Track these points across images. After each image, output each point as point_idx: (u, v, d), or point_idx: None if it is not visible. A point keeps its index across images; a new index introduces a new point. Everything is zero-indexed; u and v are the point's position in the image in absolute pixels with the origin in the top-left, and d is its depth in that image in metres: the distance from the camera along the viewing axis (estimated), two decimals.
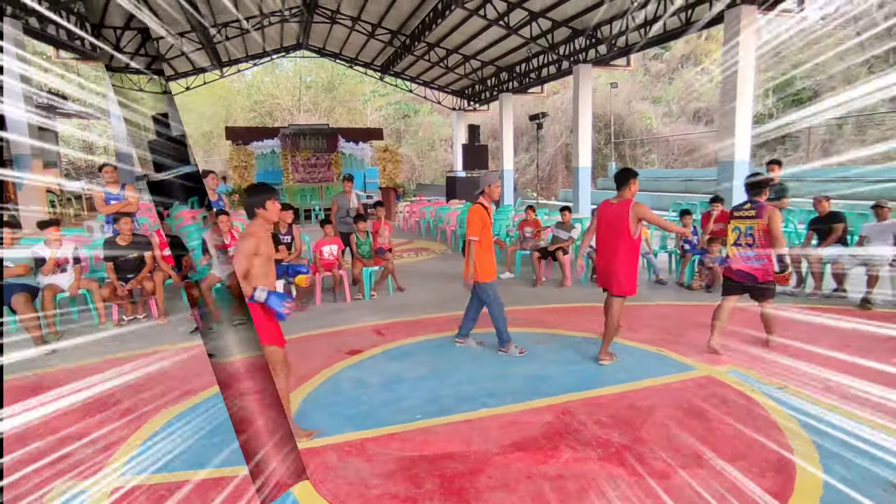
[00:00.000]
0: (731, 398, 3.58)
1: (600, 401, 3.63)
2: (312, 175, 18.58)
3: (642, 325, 5.28)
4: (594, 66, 14.11)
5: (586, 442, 3.08)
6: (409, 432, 3.26)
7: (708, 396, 3.61)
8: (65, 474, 2.94)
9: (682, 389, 3.75)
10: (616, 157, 26.94)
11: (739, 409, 3.43)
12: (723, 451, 2.95)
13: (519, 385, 3.94)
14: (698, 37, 26.99)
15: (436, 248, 10.77)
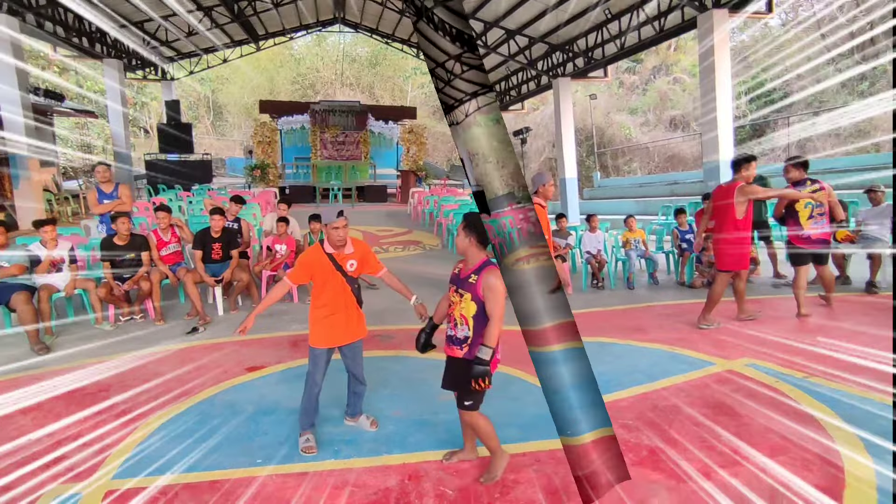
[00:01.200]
0: (758, 391, 3.43)
1: (620, 404, 3.41)
2: (340, 153, 18.56)
3: (651, 326, 5.12)
4: (573, 79, 14.70)
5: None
6: (235, 481, 2.87)
7: (733, 391, 3.45)
8: (59, 476, 2.94)
9: (704, 386, 3.58)
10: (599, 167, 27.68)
11: (767, 401, 3.29)
12: (761, 446, 2.78)
13: (391, 430, 3.45)
14: (668, 48, 29.92)
15: (428, 243, 10.41)
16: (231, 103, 36.24)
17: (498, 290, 2.63)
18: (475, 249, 2.75)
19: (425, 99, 36.31)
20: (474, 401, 2.83)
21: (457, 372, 2.84)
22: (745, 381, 3.59)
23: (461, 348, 2.79)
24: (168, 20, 15.50)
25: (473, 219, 2.72)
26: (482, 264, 2.74)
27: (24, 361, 4.51)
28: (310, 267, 3.17)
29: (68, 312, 5.69)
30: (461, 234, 2.77)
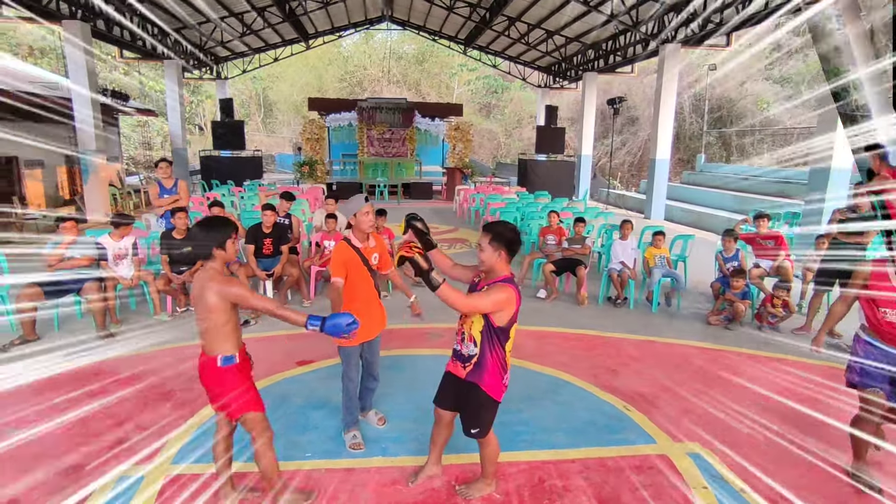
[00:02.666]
0: (667, 493, 2.85)
1: (508, 469, 3.05)
2: (386, 149, 18.74)
3: (628, 369, 4.48)
4: (685, 47, 12.70)
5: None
6: (284, 473, 2.85)
7: (642, 486, 2.91)
8: (122, 458, 3.09)
9: (619, 470, 3.05)
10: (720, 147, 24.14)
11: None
12: None
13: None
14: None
15: (474, 241, 10.19)
16: (281, 101, 37.30)
17: (494, 296, 2.39)
18: (503, 264, 2.48)
19: (471, 96, 36.27)
20: (482, 429, 2.62)
21: (457, 393, 2.64)
22: (667, 476, 2.99)
23: (465, 367, 2.57)
24: (224, 21, 16.05)
25: (503, 230, 2.47)
26: (502, 280, 2.47)
27: (92, 347, 4.76)
28: (346, 263, 3.10)
29: (130, 303, 5.98)
30: (488, 247, 2.45)
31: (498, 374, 2.54)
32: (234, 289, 2.36)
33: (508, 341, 2.53)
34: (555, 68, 20.02)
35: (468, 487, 2.83)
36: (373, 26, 22.29)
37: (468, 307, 2.42)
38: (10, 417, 3.50)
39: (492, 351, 2.50)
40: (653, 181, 13.37)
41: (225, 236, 2.44)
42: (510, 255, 2.48)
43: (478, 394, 2.55)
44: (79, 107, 10.96)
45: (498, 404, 2.63)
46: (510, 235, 2.46)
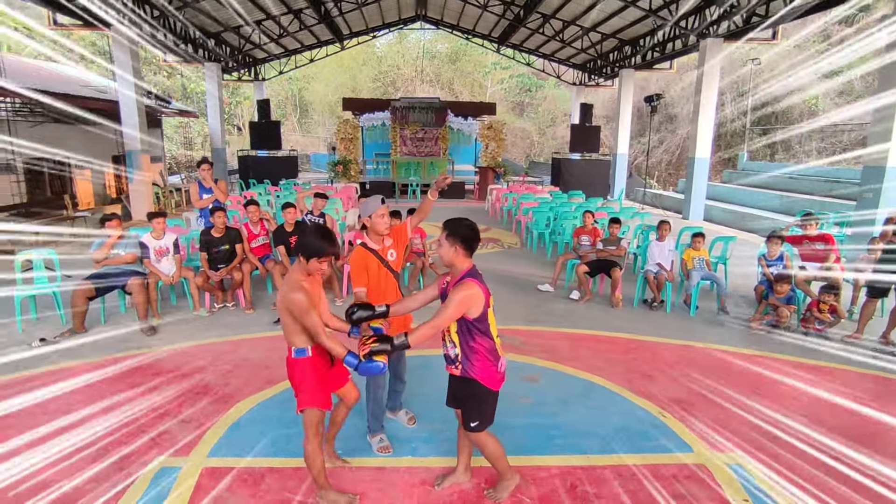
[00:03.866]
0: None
1: (539, 473, 2.99)
2: (419, 149, 18.81)
3: (664, 374, 4.33)
4: (726, 41, 12.12)
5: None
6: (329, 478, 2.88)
7: (679, 496, 2.80)
8: (162, 449, 3.19)
9: (653, 478, 2.95)
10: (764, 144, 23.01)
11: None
12: None
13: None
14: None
15: (507, 241, 10.09)
16: (316, 101, 37.94)
17: (455, 298, 2.42)
18: (462, 258, 2.52)
19: (504, 94, 36.06)
20: (481, 421, 2.63)
21: (457, 390, 2.70)
22: (705, 487, 2.88)
23: (455, 367, 2.62)
24: (261, 24, 16.43)
25: (457, 225, 2.52)
26: (464, 275, 2.51)
27: (134, 341, 4.95)
28: (366, 269, 3.07)
29: (171, 299, 6.18)
30: (445, 242, 2.52)
31: (488, 362, 2.57)
32: (296, 295, 2.40)
33: (490, 328, 2.55)
34: (590, 65, 19.68)
35: (495, 490, 2.81)
36: (406, 26, 22.42)
37: (441, 326, 2.49)
38: (60, 406, 3.66)
39: (476, 344, 2.54)
40: (692, 180, 12.94)
41: (315, 251, 2.44)
42: (467, 250, 2.53)
43: (474, 386, 2.58)
44: (125, 109, 11.41)
45: (496, 394, 2.65)
46: (465, 231, 2.52)
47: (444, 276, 2.70)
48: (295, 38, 19.10)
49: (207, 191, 6.47)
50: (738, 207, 14.08)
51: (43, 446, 3.17)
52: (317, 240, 2.45)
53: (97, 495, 2.74)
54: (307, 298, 2.41)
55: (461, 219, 2.58)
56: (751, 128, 22.52)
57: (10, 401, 3.74)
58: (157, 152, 16.25)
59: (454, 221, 2.56)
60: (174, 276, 5.62)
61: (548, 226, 9.19)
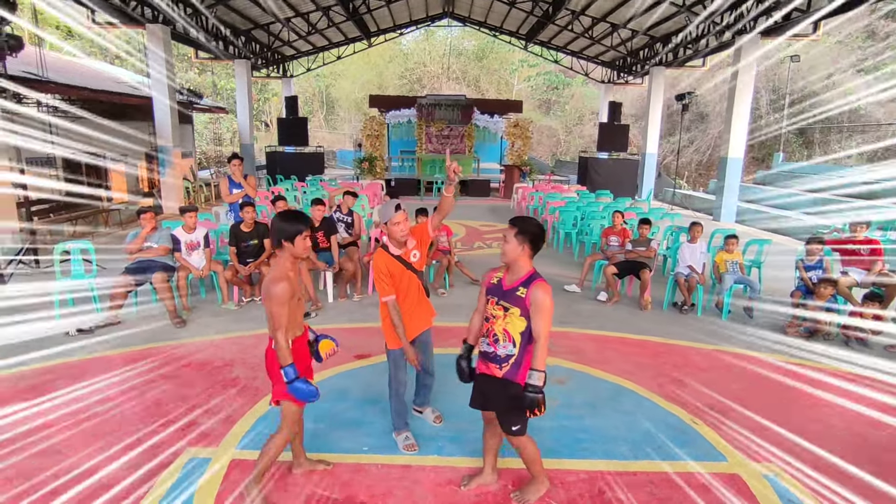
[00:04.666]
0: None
1: (567, 477, 2.94)
2: (445, 146, 18.78)
3: (695, 379, 4.22)
4: (764, 38, 11.70)
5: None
6: (342, 466, 3.01)
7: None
8: (192, 440, 3.25)
9: (684, 486, 2.87)
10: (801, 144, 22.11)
11: None
12: None
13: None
14: None
15: None
16: (342, 98, 38.24)
17: (547, 307, 2.39)
18: (527, 258, 2.49)
19: (531, 92, 35.73)
20: (523, 425, 2.58)
21: (495, 392, 2.60)
22: (742, 496, 2.80)
23: (500, 367, 2.54)
24: (290, 22, 16.60)
25: (527, 224, 2.48)
26: (529, 276, 2.48)
27: (165, 332, 5.06)
28: (390, 276, 3.06)
29: (201, 291, 6.29)
30: (513, 240, 2.46)
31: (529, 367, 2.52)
32: (273, 287, 2.40)
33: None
34: (619, 63, 19.34)
35: (522, 492, 2.78)
36: (434, 23, 22.38)
37: (546, 342, 2.43)
38: (94, 393, 3.75)
39: (528, 349, 2.50)
40: (724, 181, 12.60)
41: (294, 231, 2.48)
42: (533, 251, 2.49)
43: (517, 390, 2.50)
44: (158, 105, 11.66)
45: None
46: (536, 231, 2.47)
47: (492, 272, 2.63)
48: (323, 35, 19.25)
49: (237, 186, 6.57)
50: (771, 209, 13.66)
51: (78, 432, 3.25)
52: (290, 222, 2.49)
53: (130, 481, 2.80)
54: (288, 290, 2.42)
55: (529, 218, 2.54)
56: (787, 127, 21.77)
57: (47, 387, 3.86)
58: (188, 148, 16.59)
59: (524, 220, 2.51)
60: (204, 269, 5.72)
61: (575, 225, 9.06)
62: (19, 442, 3.15)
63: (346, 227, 6.64)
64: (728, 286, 5.69)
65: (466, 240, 9.72)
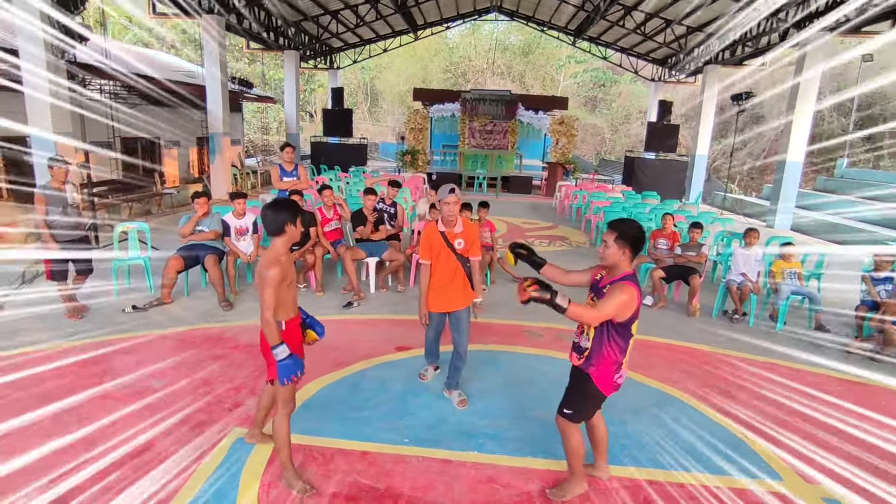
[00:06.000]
0: None
1: (610, 483, 2.87)
2: (487, 142, 18.64)
3: (746, 392, 4.03)
4: (833, 35, 10.90)
5: None
6: (383, 456, 3.03)
7: None
8: (238, 419, 3.33)
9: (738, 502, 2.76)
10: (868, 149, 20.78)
11: None
12: None
13: (536, 432, 3.34)
14: None
15: (575, 240, 9.75)
16: (387, 91, 38.54)
17: (616, 296, 2.39)
18: (628, 262, 2.49)
19: (577, 89, 35.08)
20: (575, 412, 2.64)
21: (571, 377, 2.73)
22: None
23: (579, 357, 2.63)
24: (339, 14, 16.80)
25: (627, 227, 2.46)
26: (623, 277, 2.48)
27: (214, 314, 5.21)
28: (428, 242, 3.52)
29: (247, 276, 6.46)
30: (613, 245, 2.46)
31: (610, 368, 2.54)
32: (267, 272, 2.48)
33: (630, 338, 2.53)
34: (671, 60, 18.70)
35: (560, 489, 2.76)
36: (481, 17, 22.22)
37: (597, 319, 2.44)
38: (147, 369, 3.90)
39: (608, 346, 2.52)
40: (781, 186, 12.02)
41: (284, 220, 2.57)
42: (634, 254, 2.49)
43: (586, 381, 2.59)
44: (211, 93, 12.02)
45: (603, 398, 2.64)
46: (636, 234, 2.47)
47: (598, 268, 2.68)
48: (370, 27, 19.41)
49: (287, 174, 6.71)
50: (832, 218, 12.95)
51: (134, 406, 3.39)
52: (281, 211, 2.57)
53: (181, 456, 2.90)
54: (279, 274, 2.49)
55: (629, 220, 2.54)
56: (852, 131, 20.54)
57: (107, 360, 4.04)
58: (237, 135, 17.06)
59: (624, 223, 2.50)
60: (251, 254, 5.85)
61: None
62: (84, 412, 3.30)
63: (389, 217, 6.68)
64: (785, 296, 5.43)
65: (508, 237, 9.62)
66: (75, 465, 2.80)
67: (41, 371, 3.80)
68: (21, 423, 3.13)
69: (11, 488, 2.60)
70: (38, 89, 7.18)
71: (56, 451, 2.90)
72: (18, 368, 3.82)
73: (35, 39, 7.06)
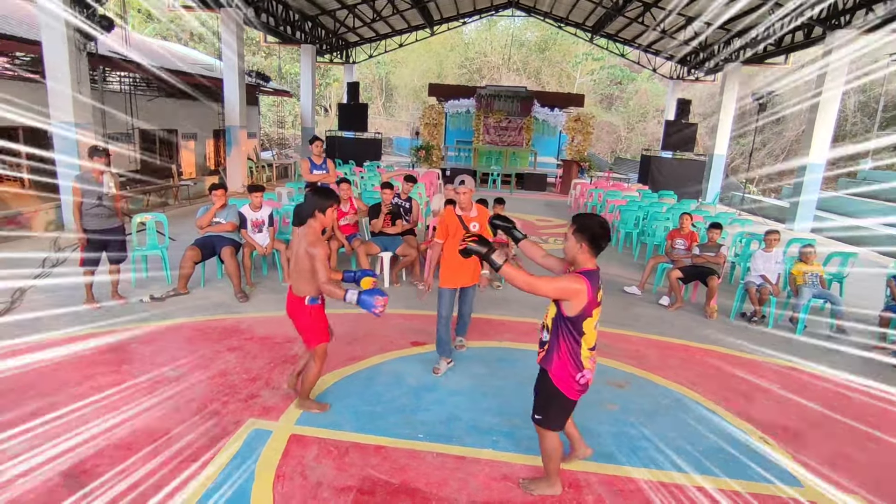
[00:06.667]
0: None
1: (628, 485, 2.82)
2: (502, 138, 18.55)
3: (766, 396, 3.95)
4: (861, 33, 10.54)
5: None
6: (398, 451, 3.03)
7: None
8: (254, 412, 3.35)
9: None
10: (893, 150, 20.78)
11: None
12: None
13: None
14: None
15: None
16: (402, 86, 38.49)
17: (560, 283, 2.35)
18: (586, 256, 2.42)
19: (593, 86, 34.74)
20: (543, 417, 2.60)
21: (537, 377, 2.69)
22: None
23: (539, 352, 2.63)
24: (356, 8, 16.79)
25: (588, 222, 2.41)
26: (582, 271, 2.40)
27: (230, 305, 5.24)
28: (444, 224, 3.94)
29: (263, 268, 6.49)
30: (571, 238, 2.44)
31: (567, 366, 2.47)
32: (314, 249, 2.93)
33: (583, 336, 2.43)
34: (691, 58, 18.44)
35: (531, 482, 2.78)
36: (498, 12, 22.07)
37: (528, 286, 2.33)
38: (167, 358, 3.94)
39: (562, 341, 2.47)
40: (801, 188, 11.80)
41: (326, 204, 3.00)
42: (594, 249, 2.41)
43: (546, 380, 2.56)
44: (229, 86, 12.09)
45: (571, 402, 2.56)
46: (596, 230, 2.40)
47: (566, 265, 2.63)
48: (387, 22, 19.36)
49: (317, 167, 6.78)
50: (854, 221, 12.69)
51: (150, 394, 3.42)
52: (319, 197, 3.00)
53: (197, 445, 2.92)
54: (326, 250, 2.97)
55: (592, 215, 2.48)
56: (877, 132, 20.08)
57: (125, 349, 4.08)
58: (254, 128, 17.16)
59: (586, 217, 2.46)
60: (268, 247, 5.88)
61: (636, 226, 8.75)
62: (100, 399, 3.34)
63: (404, 212, 6.67)
64: (806, 300, 5.32)
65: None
66: (93, 451, 2.83)
67: (59, 358, 3.86)
68: (38, 409, 3.17)
69: (31, 471, 2.64)
70: (60, 80, 7.27)
71: (74, 436, 2.93)
72: (37, 354, 3.88)
73: (57, 31, 7.14)
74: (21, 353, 3.89)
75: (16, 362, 3.73)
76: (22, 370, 3.63)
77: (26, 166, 9.11)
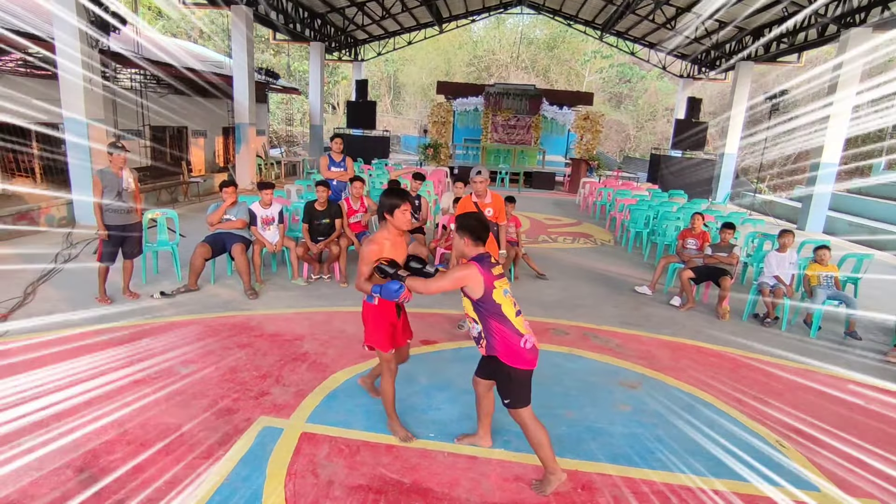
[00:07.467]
0: None
1: (640, 487, 2.80)
2: (510, 136, 18.50)
3: (781, 398, 3.90)
4: (876, 31, 10.45)
5: None
6: (409, 450, 3.02)
7: None
8: (265, 409, 3.34)
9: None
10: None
11: None
12: None
13: (563, 431, 3.29)
14: None
15: (599, 237, 9.59)
16: (410, 83, 38.47)
17: (452, 274, 2.67)
18: (471, 248, 2.75)
19: (602, 84, 34.55)
20: (511, 399, 2.69)
21: (489, 366, 2.81)
22: None
23: (481, 346, 2.76)
24: (365, 6, 16.77)
25: (465, 220, 2.77)
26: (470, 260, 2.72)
27: (239, 302, 5.25)
28: (464, 208, 4.35)
29: (272, 266, 6.50)
30: (455, 235, 2.81)
31: (508, 340, 2.64)
32: (363, 248, 2.89)
33: (502, 307, 2.65)
34: (702, 56, 18.28)
35: (541, 483, 2.77)
36: (507, 10, 21.99)
37: (431, 290, 2.72)
38: (178, 355, 3.95)
39: (490, 321, 2.66)
40: (814, 188, 11.68)
41: (393, 206, 2.91)
42: (475, 240, 2.74)
43: (499, 365, 2.70)
44: (238, 84, 12.11)
45: (526, 374, 2.68)
46: (473, 223, 2.76)
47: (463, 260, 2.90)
48: (395, 19, 19.35)
49: (336, 164, 6.83)
50: (868, 221, 12.54)
51: (161, 391, 3.42)
52: (393, 197, 2.94)
53: (209, 442, 2.92)
54: (377, 251, 2.85)
55: (470, 213, 2.83)
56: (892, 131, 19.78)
57: (137, 345, 4.09)
58: (263, 126, 17.19)
59: (464, 216, 2.83)
60: (277, 244, 5.88)
61: (646, 225, 8.68)
62: (111, 395, 3.35)
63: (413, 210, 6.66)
64: (820, 301, 5.25)
65: (531, 233, 9.53)
66: (105, 446, 2.83)
67: (70, 353, 3.87)
68: (50, 404, 3.18)
69: (44, 465, 2.65)
70: (73, 75, 7.31)
71: (85, 432, 2.94)
72: (48, 350, 3.89)
73: (69, 27, 7.17)
74: (33, 348, 3.92)
75: (27, 357, 3.76)
76: (33, 366, 3.65)
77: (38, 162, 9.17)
